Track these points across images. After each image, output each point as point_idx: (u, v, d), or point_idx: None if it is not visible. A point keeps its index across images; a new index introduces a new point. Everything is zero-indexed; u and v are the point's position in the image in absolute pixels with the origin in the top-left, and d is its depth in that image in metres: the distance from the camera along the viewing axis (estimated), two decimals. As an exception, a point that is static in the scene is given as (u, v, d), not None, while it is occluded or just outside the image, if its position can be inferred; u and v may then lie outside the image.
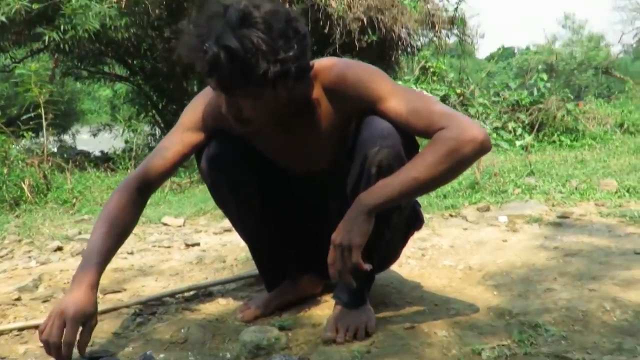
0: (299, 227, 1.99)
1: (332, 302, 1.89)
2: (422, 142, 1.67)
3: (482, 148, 1.49)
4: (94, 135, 12.15)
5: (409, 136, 1.63)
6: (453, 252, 2.57)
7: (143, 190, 1.78)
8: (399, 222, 1.80)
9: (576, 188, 3.72)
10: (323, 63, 1.66)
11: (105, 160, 7.39)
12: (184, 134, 1.77)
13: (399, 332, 1.71)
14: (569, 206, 3.33)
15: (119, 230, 1.72)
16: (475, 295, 2.01)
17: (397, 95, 1.59)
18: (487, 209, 3.32)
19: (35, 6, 6.15)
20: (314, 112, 1.68)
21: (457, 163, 1.49)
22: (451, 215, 3.28)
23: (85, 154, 9.22)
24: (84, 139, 13.53)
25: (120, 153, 6.52)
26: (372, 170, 1.59)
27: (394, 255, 1.98)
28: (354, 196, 1.62)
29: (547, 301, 1.90)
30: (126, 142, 8.13)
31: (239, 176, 1.78)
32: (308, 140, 1.74)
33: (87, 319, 1.55)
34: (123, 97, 12.90)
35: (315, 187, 1.90)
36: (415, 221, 1.96)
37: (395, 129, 1.58)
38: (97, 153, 9.46)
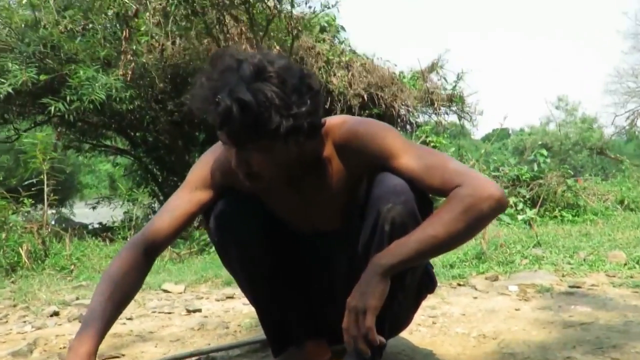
0: (307, 289, 1.92)
1: (341, 368, 1.80)
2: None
3: (499, 205, 1.45)
4: (93, 208, 12.08)
5: (423, 193, 1.59)
6: (465, 319, 2.48)
7: (149, 252, 1.70)
8: (412, 283, 1.73)
9: (584, 259, 3.65)
10: (334, 120, 1.65)
11: (103, 231, 7.32)
12: (192, 193, 1.72)
13: (413, 400, 1.62)
14: (579, 276, 3.25)
15: (121, 295, 1.64)
16: (492, 364, 1.92)
17: (410, 152, 1.56)
18: (496, 279, 3.24)
19: (42, 77, 6.23)
20: (324, 170, 1.65)
21: (475, 221, 1.45)
22: (459, 285, 3.19)
23: (84, 226, 9.14)
24: (82, 213, 13.47)
25: (119, 223, 6.45)
26: (385, 227, 1.54)
27: (405, 318, 1.90)
28: (366, 254, 1.57)
29: (568, 370, 1.81)
30: (125, 212, 8.09)
31: (248, 236, 1.73)
32: (318, 199, 1.70)
33: None
34: (124, 169, 12.94)
35: (324, 248, 1.85)
36: (428, 283, 1.89)
37: (408, 186, 1.54)
38: (96, 225, 9.38)
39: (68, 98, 6.19)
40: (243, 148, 1.45)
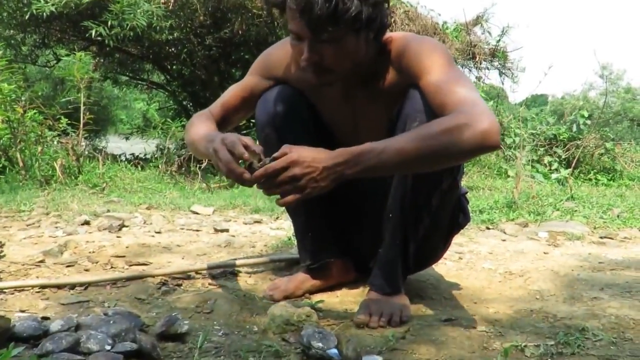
0: (341, 210, 1.92)
1: (364, 290, 1.81)
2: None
3: (482, 138, 1.32)
4: (126, 138, 12.20)
5: None
6: (492, 257, 2.46)
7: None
8: (441, 209, 1.69)
9: (618, 216, 3.58)
10: (397, 34, 1.65)
11: (135, 159, 7.41)
12: (246, 78, 1.81)
13: (435, 323, 1.62)
14: (612, 230, 3.19)
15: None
16: (517, 298, 1.90)
17: (437, 72, 1.51)
18: (526, 225, 3.21)
19: (84, 0, 6.21)
20: (378, 81, 1.64)
21: (448, 144, 1.33)
22: (488, 228, 3.16)
23: (116, 155, 9.27)
24: (115, 146, 13.62)
25: (152, 152, 6.52)
26: None
27: (435, 251, 1.88)
28: None
29: (595, 308, 1.79)
30: (158, 147, 8.16)
31: (295, 137, 1.72)
32: (368, 111, 1.70)
33: (224, 138, 1.46)
34: (158, 104, 13.03)
35: None
36: (461, 218, 1.85)
37: None
38: (128, 155, 9.49)
39: (109, 23, 6.18)
40: (318, 38, 1.45)
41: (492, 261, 2.40)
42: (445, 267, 2.27)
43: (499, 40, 9.38)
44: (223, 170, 1.44)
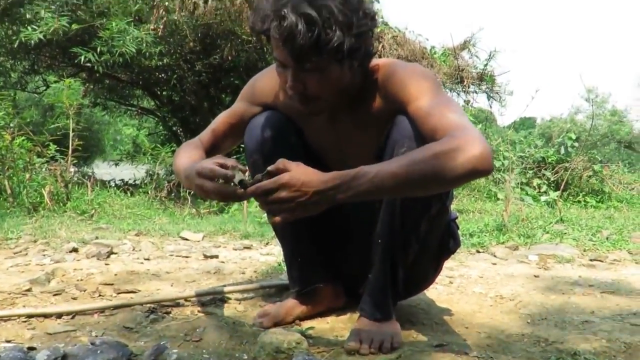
0: (330, 235, 1.91)
1: (355, 316, 1.80)
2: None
3: (475, 163, 1.30)
4: (116, 164, 12.17)
5: None
6: (482, 281, 2.46)
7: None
8: (429, 234, 1.69)
9: (607, 238, 3.59)
10: (384, 60, 1.65)
11: (125, 185, 7.38)
12: (235, 104, 1.82)
13: (427, 349, 1.60)
14: (601, 252, 3.20)
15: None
16: (508, 322, 1.90)
17: (426, 97, 1.50)
18: (516, 248, 3.21)
19: (74, 26, 6.23)
20: (365, 107, 1.64)
21: (441, 169, 1.30)
22: (478, 252, 3.17)
23: (106, 181, 9.23)
24: (105, 172, 13.56)
25: (140, 180, 6.49)
26: None
27: (425, 276, 1.87)
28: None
29: (586, 332, 1.79)
30: (147, 173, 8.13)
31: None
32: (354, 137, 1.69)
33: (199, 172, 1.46)
34: (148, 130, 13.04)
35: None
36: (451, 244, 1.85)
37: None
38: (118, 181, 9.45)
39: (98, 49, 6.19)
40: (302, 67, 1.45)
41: (483, 285, 2.39)
42: (436, 292, 2.27)
43: (487, 64, 9.46)
44: (215, 198, 1.46)
